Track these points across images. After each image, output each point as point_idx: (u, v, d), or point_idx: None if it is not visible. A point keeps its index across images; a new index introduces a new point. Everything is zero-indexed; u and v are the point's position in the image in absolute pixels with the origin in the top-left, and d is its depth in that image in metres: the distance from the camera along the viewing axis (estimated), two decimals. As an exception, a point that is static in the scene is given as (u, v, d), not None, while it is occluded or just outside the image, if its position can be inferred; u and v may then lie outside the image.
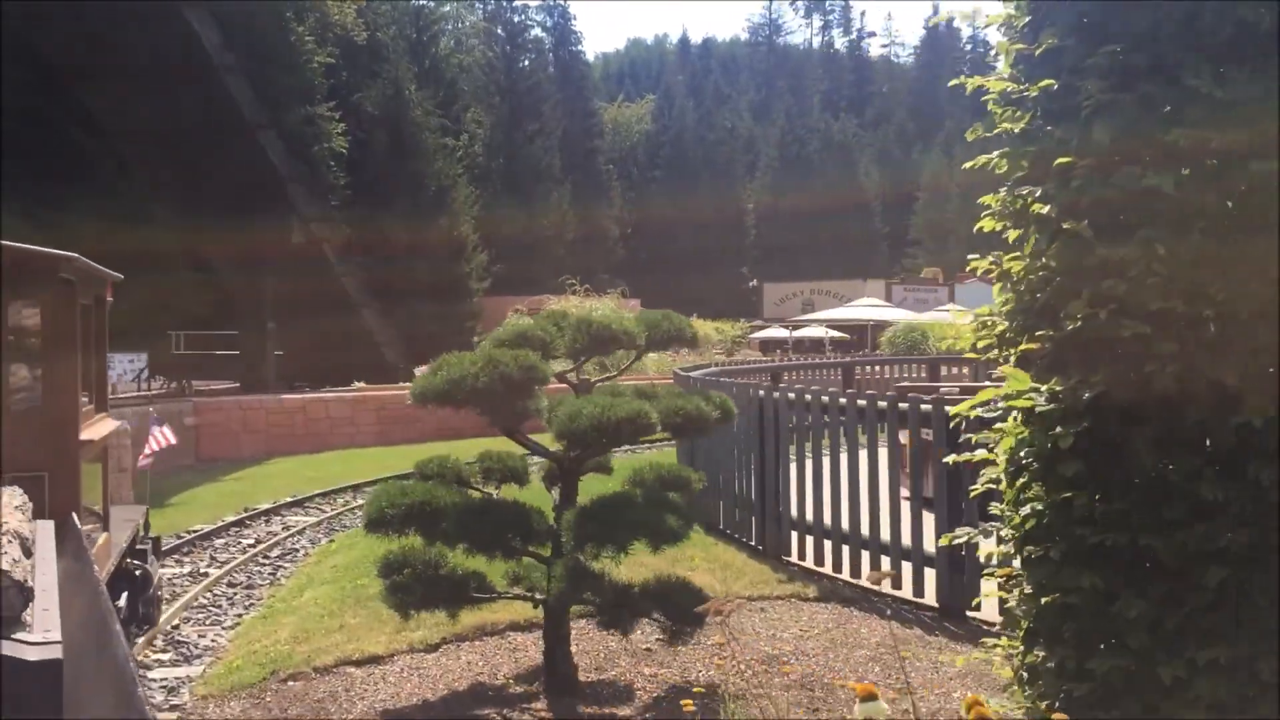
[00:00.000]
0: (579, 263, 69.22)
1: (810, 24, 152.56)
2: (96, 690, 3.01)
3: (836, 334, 56.95)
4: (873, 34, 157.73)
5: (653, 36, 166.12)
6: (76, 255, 5.75)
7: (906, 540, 7.93)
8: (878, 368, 21.01)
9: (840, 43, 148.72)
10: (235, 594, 9.18)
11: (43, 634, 2.56)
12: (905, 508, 8.08)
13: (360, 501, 13.09)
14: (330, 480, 14.62)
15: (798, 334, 55.92)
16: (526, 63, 71.08)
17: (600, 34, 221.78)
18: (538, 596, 6.21)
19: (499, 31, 72.65)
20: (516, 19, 72.22)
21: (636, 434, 5.72)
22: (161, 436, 9.87)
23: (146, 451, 9.72)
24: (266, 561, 9.96)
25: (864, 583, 8.18)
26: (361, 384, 24.16)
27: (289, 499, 13.23)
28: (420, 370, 34.04)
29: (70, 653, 2.58)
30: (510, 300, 53.17)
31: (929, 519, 7.76)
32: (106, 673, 2.98)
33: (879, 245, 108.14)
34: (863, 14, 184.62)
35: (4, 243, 5.58)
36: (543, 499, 6.86)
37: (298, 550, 10.40)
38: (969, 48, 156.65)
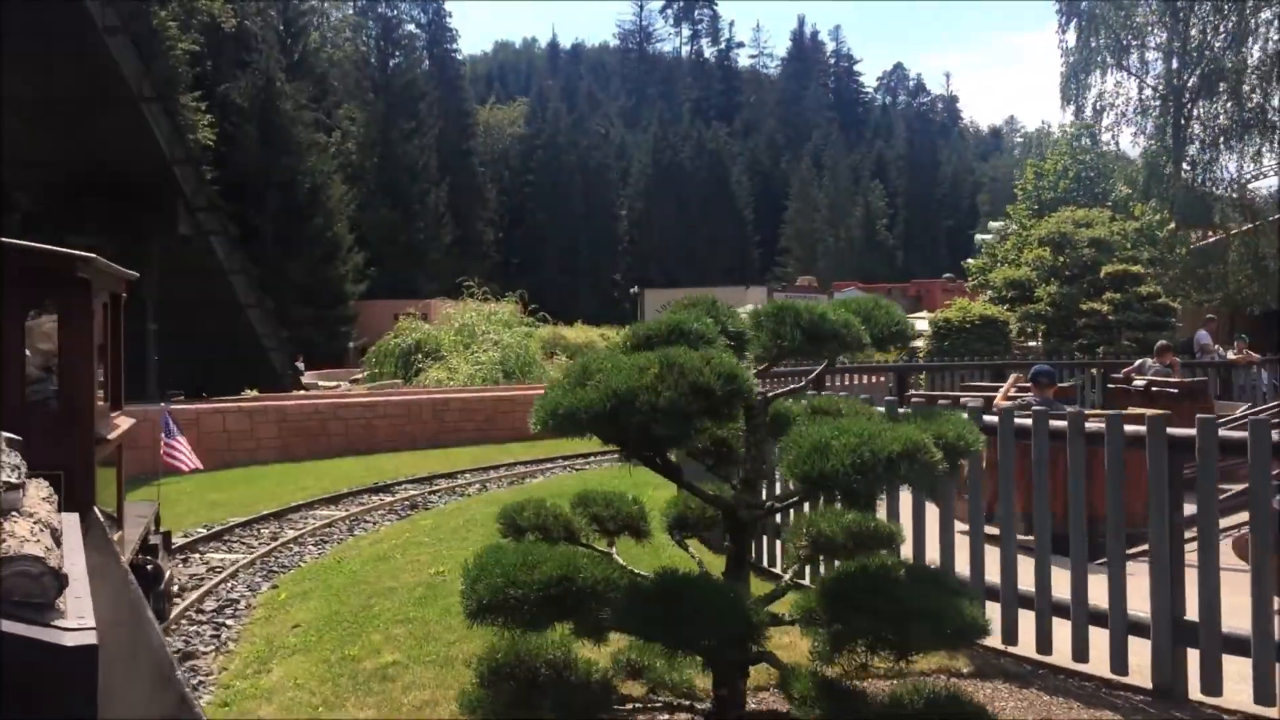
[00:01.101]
0: (455, 266, 67.04)
1: (680, 33, 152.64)
2: (133, 674, 3.03)
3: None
4: (741, 44, 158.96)
5: (520, 40, 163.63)
6: (94, 255, 5.82)
7: (1100, 602, 5.85)
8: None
9: (709, 52, 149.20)
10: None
11: (77, 620, 2.57)
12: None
13: (291, 534, 11.25)
14: (242, 506, 12.68)
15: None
16: (400, 59, 68.52)
17: (466, 36, 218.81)
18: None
19: (371, 26, 69.92)
20: (390, 14, 69.55)
21: (913, 476, 3.95)
22: (183, 449, 8.96)
23: (178, 454, 8.96)
24: (202, 618, 8.03)
25: (1038, 656, 6.09)
26: (255, 393, 22.01)
27: (202, 530, 11.26)
28: (312, 377, 31.32)
29: (104, 639, 2.58)
30: (390, 305, 50.89)
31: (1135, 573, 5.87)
32: (142, 658, 2.99)
33: (751, 252, 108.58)
34: (731, 24, 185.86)
35: (22, 243, 5.74)
36: (675, 557, 5.27)
37: (237, 601, 8.51)
38: (833, 61, 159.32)
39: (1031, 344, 23.15)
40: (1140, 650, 5.59)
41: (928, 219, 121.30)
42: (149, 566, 7.31)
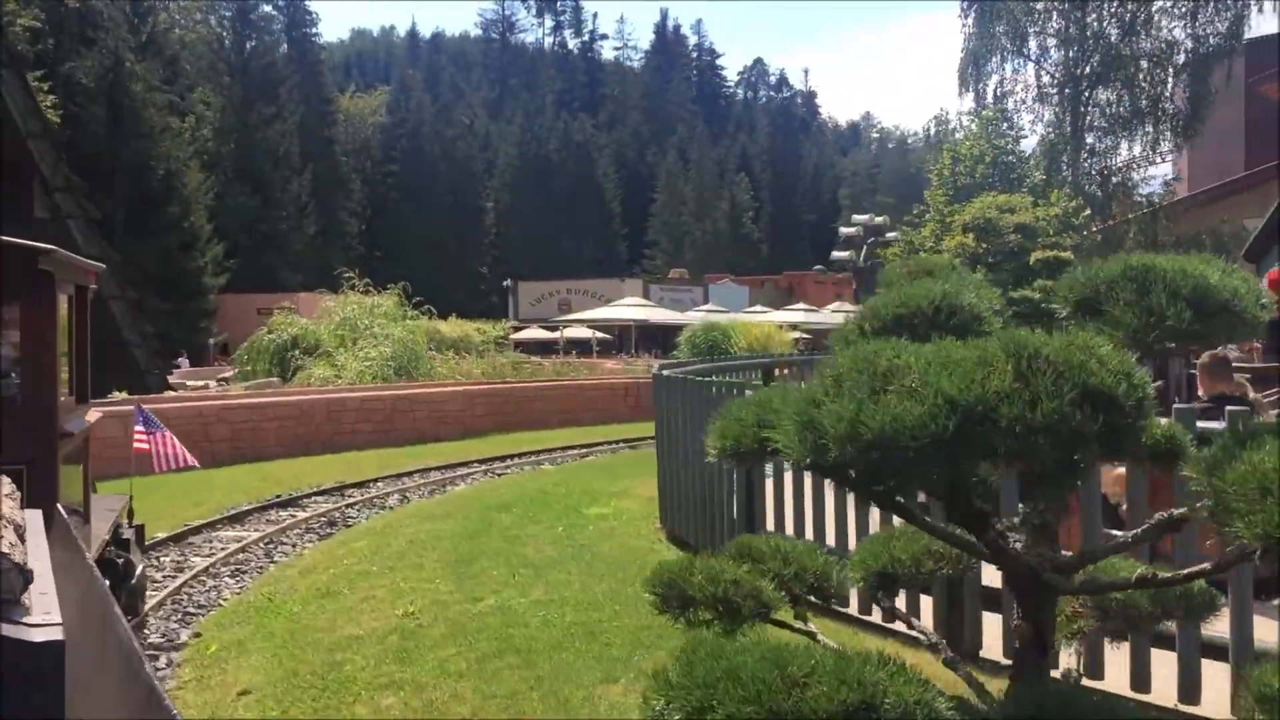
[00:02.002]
0: (318, 258, 64.23)
1: (542, 24, 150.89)
2: (102, 669, 3.00)
3: (601, 334, 55.19)
4: (605, 36, 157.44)
5: (378, 28, 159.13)
6: (55, 248, 5.83)
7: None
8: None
9: (573, 43, 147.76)
10: None
11: (43, 616, 2.55)
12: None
13: (200, 562, 9.54)
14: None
15: (559, 334, 53.74)
16: (257, 42, 65.21)
17: (322, 24, 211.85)
18: None
19: (225, 6, 66.43)
20: (245, -7, 66.17)
21: None
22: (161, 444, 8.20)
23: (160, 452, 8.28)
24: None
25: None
26: (124, 395, 19.81)
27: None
28: (177, 376, 28.89)
29: (71, 634, 2.57)
30: (252, 299, 48.17)
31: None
32: (110, 652, 2.88)
33: (618, 245, 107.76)
34: (594, 16, 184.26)
35: None
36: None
37: (153, 656, 6.87)
38: (695, 55, 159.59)
39: None
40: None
41: (791, 213, 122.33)
42: (120, 561, 7.01)
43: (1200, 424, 4.78)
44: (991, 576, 4.75)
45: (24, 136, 22.36)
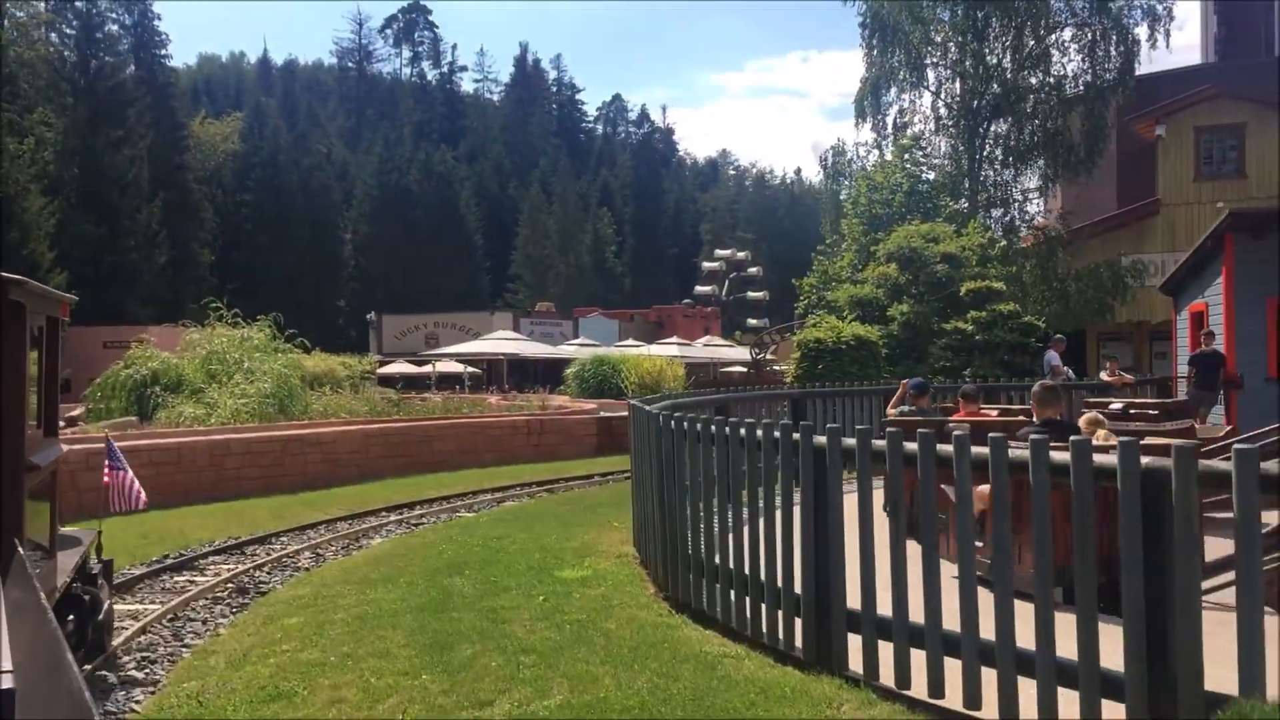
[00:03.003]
0: (169, 290, 60.84)
1: (400, 54, 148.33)
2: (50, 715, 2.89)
3: (472, 369, 53.53)
4: (465, 68, 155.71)
5: (228, 54, 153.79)
6: (27, 279, 5.75)
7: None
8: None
9: (432, 74, 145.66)
10: None
11: None
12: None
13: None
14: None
15: (428, 368, 51.81)
16: (103, 62, 61.51)
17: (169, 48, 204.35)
18: None
19: (69, 24, 62.60)
20: (91, 10, 62.47)
21: None
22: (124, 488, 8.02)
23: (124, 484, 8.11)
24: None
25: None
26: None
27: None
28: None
29: (22, 682, 2.54)
30: (98, 331, 44.95)
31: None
32: (60, 701, 2.80)
33: (481, 278, 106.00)
34: (454, 48, 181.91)
35: None
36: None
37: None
38: (555, 89, 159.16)
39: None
40: None
41: (654, 247, 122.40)
42: (86, 597, 6.85)
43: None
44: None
45: None
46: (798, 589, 5.91)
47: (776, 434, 6.11)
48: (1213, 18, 38.60)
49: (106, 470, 8.03)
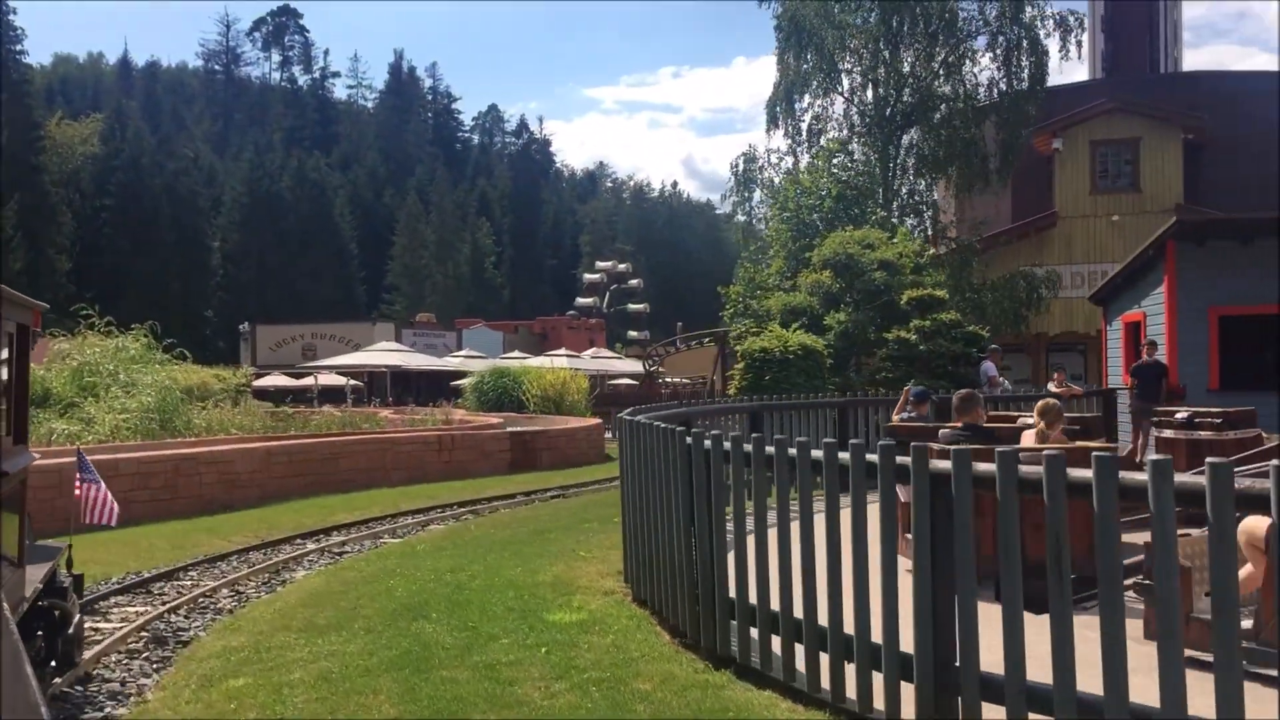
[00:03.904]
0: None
1: (269, 58, 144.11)
2: None
3: (353, 382, 51.52)
4: (337, 74, 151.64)
5: (85, 54, 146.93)
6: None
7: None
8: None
9: (303, 80, 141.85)
10: None
11: None
12: None
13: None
14: None
15: (308, 381, 49.68)
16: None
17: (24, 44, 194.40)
18: None
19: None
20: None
21: None
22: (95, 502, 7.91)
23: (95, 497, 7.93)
24: None
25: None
26: None
27: None
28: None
29: None
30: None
31: None
32: (16, 712, 2.60)
33: (356, 288, 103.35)
34: (325, 53, 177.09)
35: None
36: None
37: None
38: (431, 98, 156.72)
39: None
40: None
41: (533, 257, 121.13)
42: (56, 612, 6.71)
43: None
44: None
45: None
46: (905, 646, 4.84)
47: (874, 457, 5.04)
48: (1100, 35, 39.14)
49: (77, 483, 7.98)
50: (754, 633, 5.90)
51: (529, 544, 11.11)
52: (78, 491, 7.97)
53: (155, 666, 7.53)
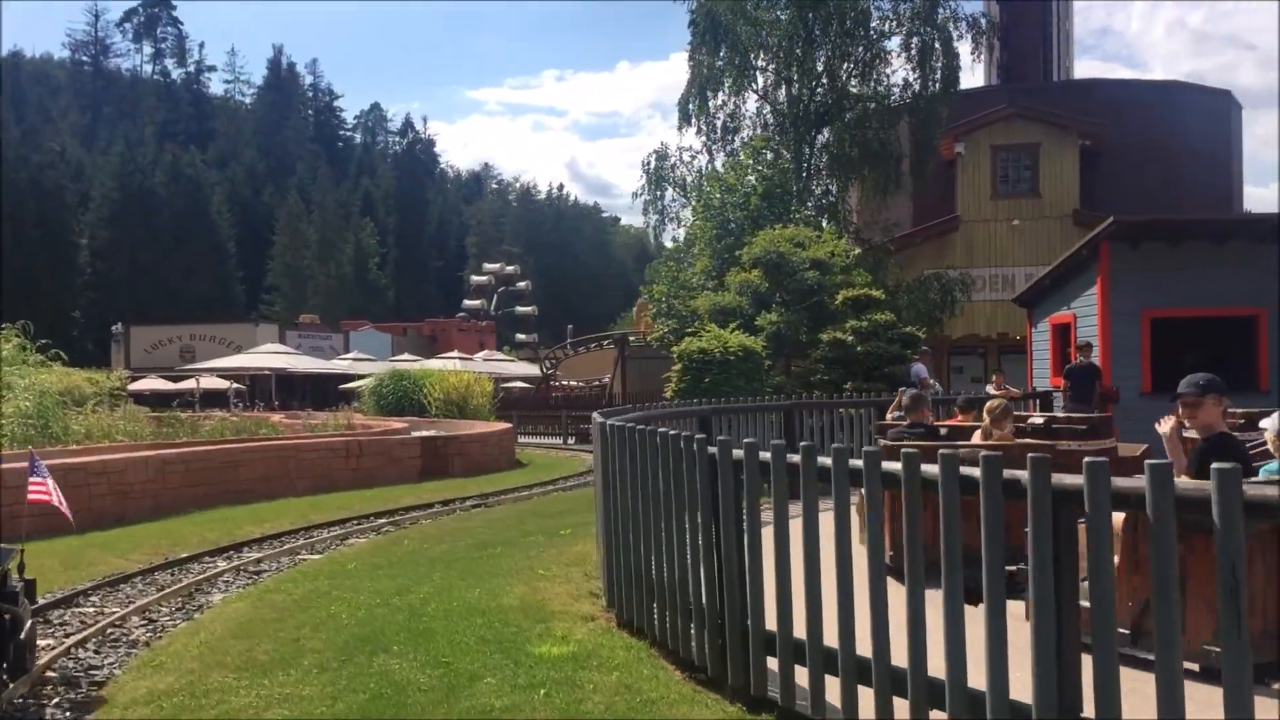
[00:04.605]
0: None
1: (141, 49, 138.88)
2: None
3: (236, 385, 49.54)
4: (213, 68, 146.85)
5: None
6: None
7: None
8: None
9: (176, 73, 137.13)
10: None
11: None
12: None
13: None
14: None
15: (188, 384, 47.52)
16: None
17: None
18: None
19: None
20: None
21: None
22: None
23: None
24: None
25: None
26: None
27: None
28: None
29: None
30: None
31: None
32: None
33: (235, 288, 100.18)
34: (201, 46, 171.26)
35: None
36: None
37: None
38: (312, 95, 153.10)
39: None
40: None
41: (419, 259, 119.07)
42: (6, 616, 6.37)
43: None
44: None
45: None
46: (1015, 694, 4.11)
47: (973, 471, 4.29)
48: (995, 42, 39.47)
49: (36, 485, 7.58)
50: (800, 671, 5.12)
51: (474, 561, 10.18)
52: (39, 495, 7.56)
53: (73, 717, 6.43)
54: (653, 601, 6.60)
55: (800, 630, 5.06)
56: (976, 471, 4.06)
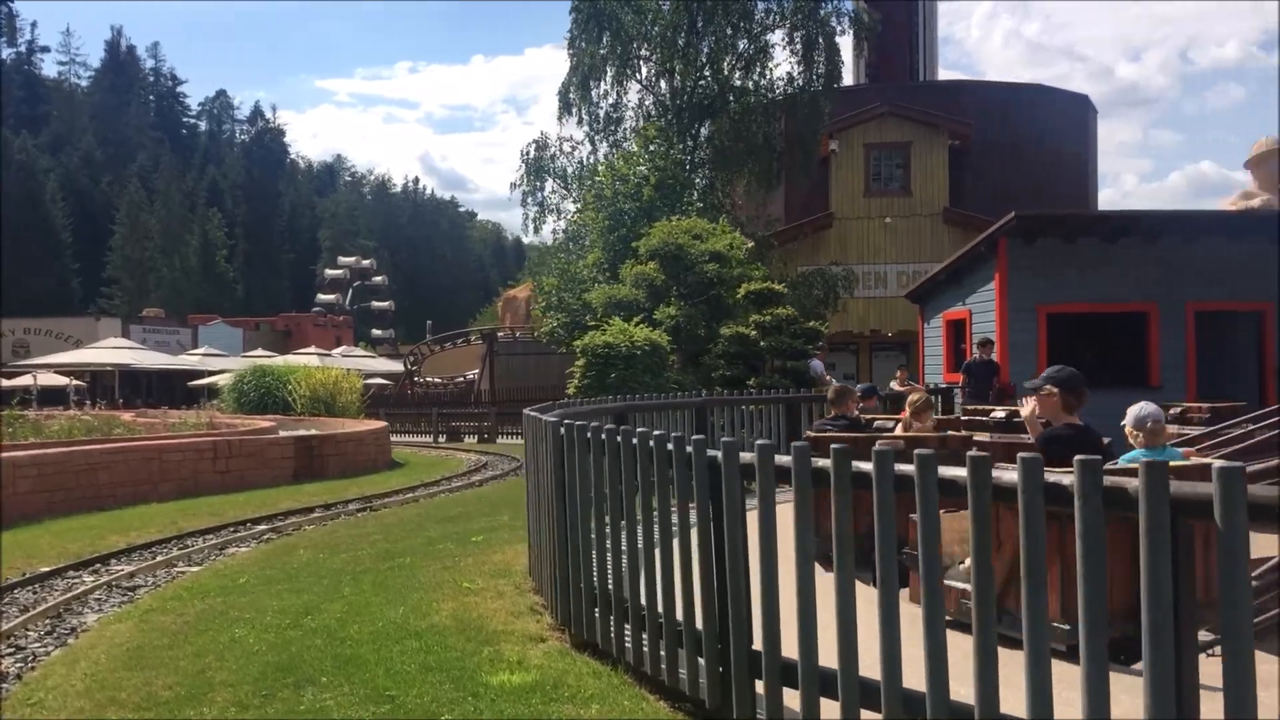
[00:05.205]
0: None
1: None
2: None
3: (76, 382, 46.82)
4: (47, 49, 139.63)
5: None
6: None
7: None
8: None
9: (6, 53, 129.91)
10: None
11: None
12: None
13: None
14: None
15: (23, 380, 44.66)
16: None
17: None
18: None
19: None
20: None
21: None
22: None
23: None
24: None
25: None
26: None
27: None
28: None
29: None
30: None
31: None
32: None
33: (70, 280, 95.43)
34: (34, 25, 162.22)
35: None
36: None
37: None
38: (153, 79, 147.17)
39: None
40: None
41: (270, 251, 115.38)
42: None
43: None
44: None
45: None
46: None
47: (1010, 476, 3.69)
48: (864, 42, 39.77)
49: None
50: (827, 705, 4.48)
51: (384, 573, 9.27)
52: None
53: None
54: (624, 622, 5.87)
55: (830, 659, 4.42)
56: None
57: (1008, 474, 3.61)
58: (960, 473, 3.72)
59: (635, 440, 5.63)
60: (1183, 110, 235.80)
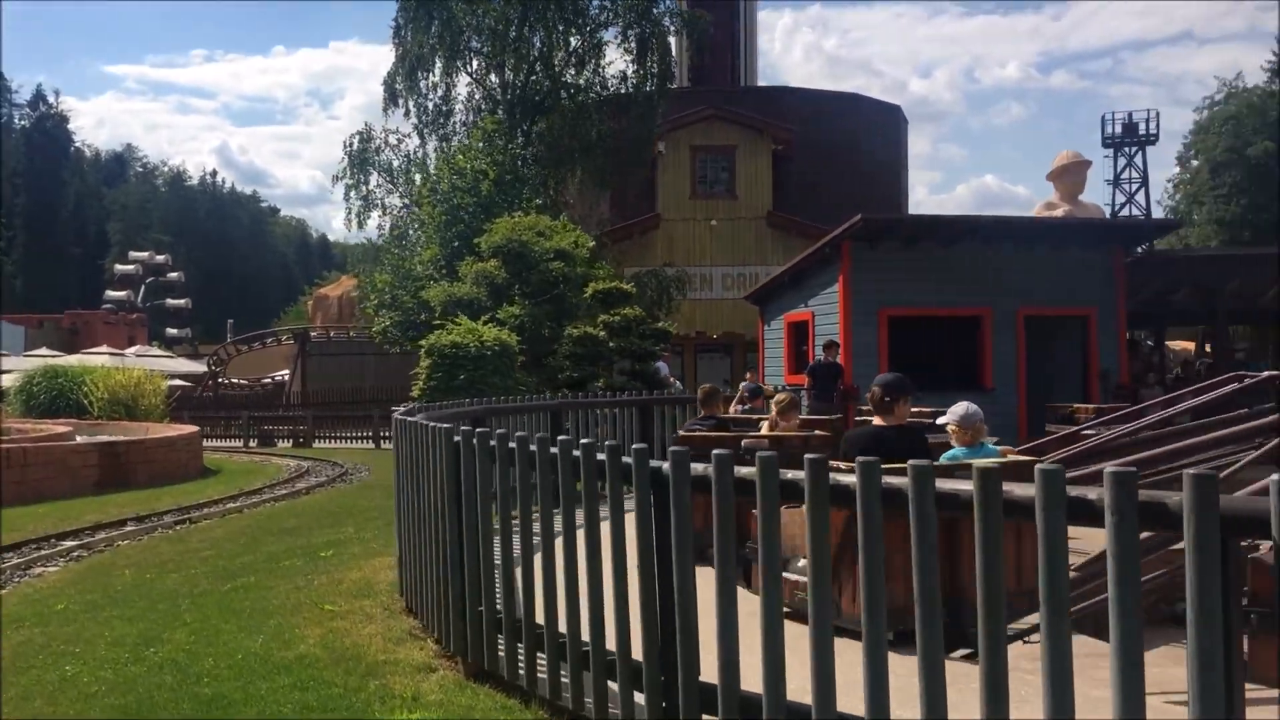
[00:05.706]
0: None
1: None
2: None
3: None
4: None
5: None
6: None
7: None
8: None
9: None
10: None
11: None
12: None
13: None
14: None
15: None
16: None
17: None
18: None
19: None
20: None
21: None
22: None
23: None
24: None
25: None
26: None
27: None
28: None
29: None
30: None
31: None
32: None
33: None
34: None
35: None
36: None
37: None
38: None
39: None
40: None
41: (52, 245, 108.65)
42: None
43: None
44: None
45: None
46: None
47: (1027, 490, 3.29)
48: (695, 43, 39.87)
49: None
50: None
51: (228, 595, 8.34)
52: None
53: None
54: (537, 650, 5.27)
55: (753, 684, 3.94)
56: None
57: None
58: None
59: (556, 450, 5.04)
60: (968, 125, 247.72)
